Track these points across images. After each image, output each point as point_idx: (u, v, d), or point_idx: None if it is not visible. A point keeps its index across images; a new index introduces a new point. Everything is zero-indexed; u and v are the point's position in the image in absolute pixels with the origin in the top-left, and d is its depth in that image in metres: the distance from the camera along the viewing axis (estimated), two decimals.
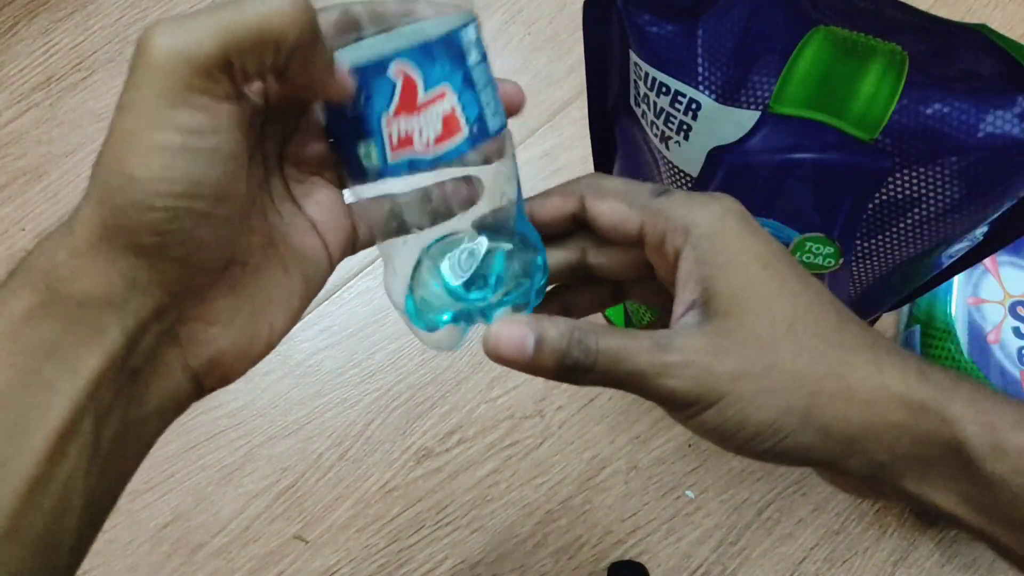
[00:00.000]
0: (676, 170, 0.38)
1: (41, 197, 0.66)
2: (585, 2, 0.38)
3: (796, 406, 0.24)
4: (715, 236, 0.26)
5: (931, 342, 0.57)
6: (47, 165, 0.67)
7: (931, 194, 0.34)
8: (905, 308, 0.62)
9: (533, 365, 0.25)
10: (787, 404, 0.24)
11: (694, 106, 0.35)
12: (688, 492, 0.59)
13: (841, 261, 0.38)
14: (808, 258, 0.39)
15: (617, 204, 0.28)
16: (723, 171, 0.36)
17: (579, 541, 0.57)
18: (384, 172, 0.24)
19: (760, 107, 0.34)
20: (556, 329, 0.25)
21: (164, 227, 0.21)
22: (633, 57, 0.37)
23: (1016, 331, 0.55)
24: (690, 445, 0.60)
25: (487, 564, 0.56)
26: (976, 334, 0.55)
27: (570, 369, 0.25)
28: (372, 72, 0.24)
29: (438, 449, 0.59)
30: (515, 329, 0.25)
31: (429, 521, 0.57)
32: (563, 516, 0.58)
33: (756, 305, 0.25)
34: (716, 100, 0.35)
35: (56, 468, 0.20)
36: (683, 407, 0.25)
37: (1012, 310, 0.56)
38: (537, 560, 0.57)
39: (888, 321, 0.64)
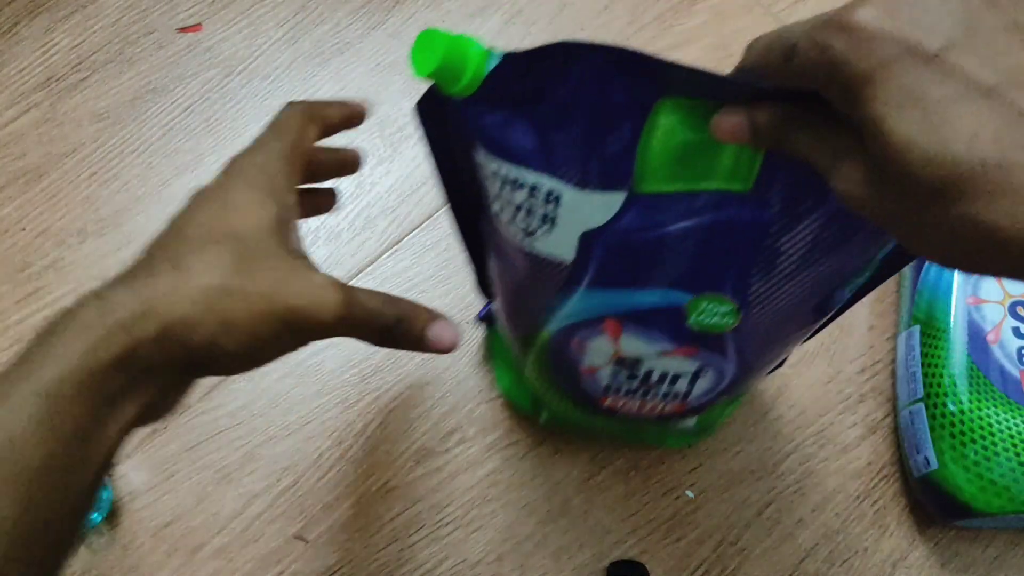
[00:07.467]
0: (546, 261, 0.36)
1: (41, 197, 0.66)
2: (417, 105, 0.35)
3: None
4: None
5: (931, 342, 0.57)
6: (47, 165, 0.67)
7: (813, 235, 0.33)
8: (905, 308, 0.62)
9: None
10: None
11: (554, 197, 0.33)
12: (688, 492, 0.59)
13: (741, 316, 0.37)
14: (704, 319, 0.37)
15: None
16: (600, 251, 0.34)
17: (579, 541, 0.57)
18: None
19: (624, 187, 0.32)
20: None
21: (214, 342, 0.29)
22: (480, 157, 0.34)
23: (1016, 331, 0.55)
24: (690, 445, 0.60)
25: (487, 564, 0.56)
26: (976, 334, 0.55)
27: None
28: None
29: (438, 449, 0.59)
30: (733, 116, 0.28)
31: (429, 521, 0.57)
32: (563, 516, 0.58)
33: None
34: (576, 187, 0.32)
35: None
36: None
37: (1012, 310, 0.56)
38: (537, 560, 0.57)
39: (888, 320, 0.64)
